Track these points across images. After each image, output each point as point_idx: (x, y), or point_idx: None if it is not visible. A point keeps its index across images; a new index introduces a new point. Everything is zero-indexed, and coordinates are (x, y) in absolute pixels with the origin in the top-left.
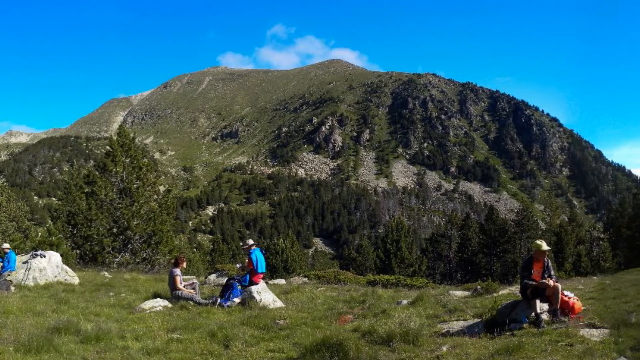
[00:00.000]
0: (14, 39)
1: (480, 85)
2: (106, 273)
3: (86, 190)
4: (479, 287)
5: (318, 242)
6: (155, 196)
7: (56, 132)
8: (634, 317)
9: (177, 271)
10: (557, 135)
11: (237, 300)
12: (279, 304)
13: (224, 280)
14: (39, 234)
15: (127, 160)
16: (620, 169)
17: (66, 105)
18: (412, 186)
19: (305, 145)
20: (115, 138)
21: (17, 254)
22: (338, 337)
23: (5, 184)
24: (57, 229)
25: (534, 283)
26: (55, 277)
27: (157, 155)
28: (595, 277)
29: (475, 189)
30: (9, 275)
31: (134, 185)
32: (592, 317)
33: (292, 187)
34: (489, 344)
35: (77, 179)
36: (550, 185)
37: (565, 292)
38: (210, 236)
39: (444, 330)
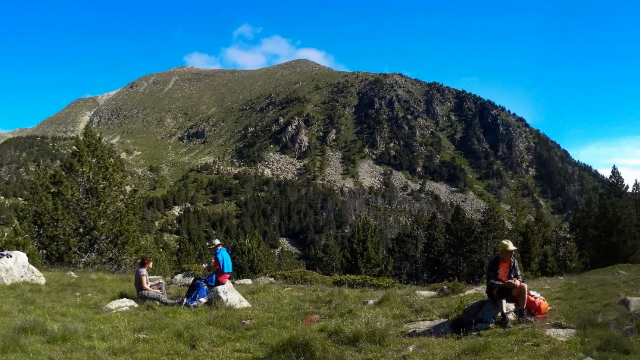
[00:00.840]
0: None
1: (446, 85)
2: (73, 273)
3: (52, 190)
4: (445, 287)
5: (284, 242)
6: (122, 196)
7: (22, 132)
8: (600, 317)
9: (144, 271)
10: (523, 135)
11: (203, 300)
12: (246, 304)
13: (191, 280)
14: (5, 234)
15: (94, 161)
16: (586, 169)
17: (32, 105)
18: (379, 186)
19: (272, 145)
20: (81, 138)
21: None
22: (304, 337)
23: None
24: (23, 229)
25: (501, 283)
26: (22, 277)
27: (123, 155)
28: (561, 277)
29: (441, 189)
30: None
31: (101, 186)
32: (558, 317)
33: (258, 187)
34: (455, 344)
35: (43, 179)
36: (516, 185)
37: (532, 292)
38: (177, 236)
39: (410, 330)
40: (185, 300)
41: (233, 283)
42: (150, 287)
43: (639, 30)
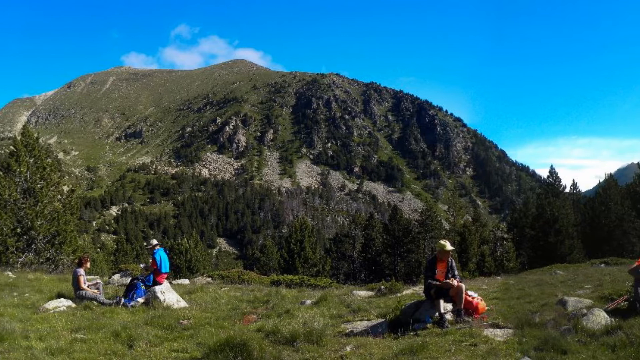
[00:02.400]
0: None
1: (384, 85)
2: (10, 273)
3: None
4: (382, 287)
5: (222, 242)
6: (59, 196)
7: None
8: (537, 317)
9: (81, 271)
10: (461, 135)
11: (141, 300)
12: (183, 304)
13: (128, 280)
14: None
15: (31, 161)
16: (524, 169)
17: None
18: (316, 186)
19: (209, 145)
20: (19, 138)
21: None
22: (242, 337)
23: None
24: None
25: (438, 283)
26: None
27: (61, 155)
28: (499, 277)
29: (379, 189)
30: None
31: (38, 186)
32: (496, 317)
33: (196, 187)
34: (392, 344)
35: None
36: (454, 185)
37: (469, 292)
38: (114, 236)
39: (347, 330)
40: (122, 300)
41: (170, 283)
42: (88, 287)
43: (575, 31)
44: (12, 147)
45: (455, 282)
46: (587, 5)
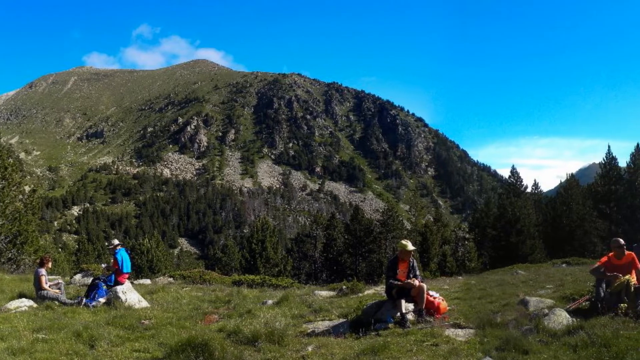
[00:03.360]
0: None
1: (345, 85)
2: None
3: None
4: (344, 287)
5: (183, 242)
6: (21, 196)
7: None
8: (499, 317)
9: (43, 271)
10: (422, 135)
11: (102, 300)
12: (145, 304)
13: (90, 280)
14: None
15: None
16: (485, 169)
17: None
18: (278, 186)
19: (171, 145)
20: None
21: None
22: (203, 337)
23: None
24: None
25: (400, 283)
26: None
27: (22, 155)
28: (460, 277)
29: (340, 189)
30: None
31: None
32: (457, 317)
33: (157, 187)
34: (354, 344)
35: None
36: (415, 185)
37: (431, 292)
38: (76, 236)
39: (309, 330)
40: (84, 300)
41: (132, 283)
42: (50, 287)
43: (536, 31)
44: None
45: (416, 282)
46: (549, 5)
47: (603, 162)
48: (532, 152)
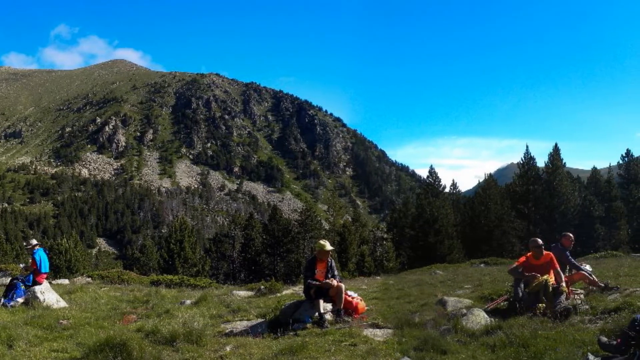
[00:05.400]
0: None
1: (264, 85)
2: None
3: None
4: (262, 287)
5: (102, 242)
6: None
7: None
8: (417, 317)
9: None
10: (340, 135)
11: (20, 300)
12: (63, 304)
13: (8, 280)
14: None
15: None
16: (403, 169)
17: None
18: (196, 186)
19: (89, 145)
20: None
21: None
22: (122, 337)
23: None
24: None
25: (318, 283)
26: None
27: None
28: (378, 277)
29: (258, 189)
30: None
31: None
32: (375, 317)
33: (76, 187)
34: (272, 344)
35: None
36: (333, 185)
37: (349, 292)
38: None
39: (227, 330)
40: (2, 300)
41: (50, 283)
42: None
43: (453, 31)
44: None
45: (334, 282)
46: (466, 5)
47: (521, 162)
48: (450, 152)
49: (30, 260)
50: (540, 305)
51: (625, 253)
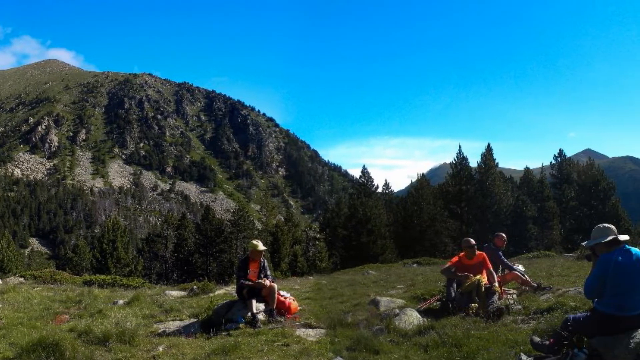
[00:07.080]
0: None
1: (196, 85)
2: None
3: None
4: (195, 287)
5: (34, 242)
6: None
7: None
8: (350, 317)
9: None
10: (273, 135)
11: None
12: None
13: None
14: None
15: None
16: (336, 169)
17: None
18: (129, 186)
19: (22, 145)
20: None
21: None
22: (54, 337)
23: None
24: None
25: (250, 283)
26: None
27: None
28: (311, 277)
29: (191, 189)
30: None
31: None
32: (308, 317)
33: (8, 187)
34: (205, 344)
35: None
36: (266, 185)
37: (282, 292)
38: None
39: (160, 330)
40: None
41: None
42: None
43: (386, 31)
44: None
45: (267, 282)
46: (398, 6)
47: (454, 162)
48: (383, 152)
49: None
50: (472, 305)
51: (557, 253)
